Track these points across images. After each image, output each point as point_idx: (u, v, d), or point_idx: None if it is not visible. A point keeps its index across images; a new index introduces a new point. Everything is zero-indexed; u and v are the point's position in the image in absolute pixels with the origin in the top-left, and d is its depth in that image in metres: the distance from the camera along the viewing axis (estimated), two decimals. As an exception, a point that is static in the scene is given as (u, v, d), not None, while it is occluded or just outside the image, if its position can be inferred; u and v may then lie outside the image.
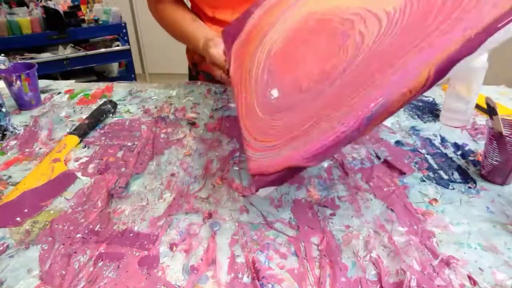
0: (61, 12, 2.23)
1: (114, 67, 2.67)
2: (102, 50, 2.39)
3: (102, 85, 0.94)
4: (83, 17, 2.38)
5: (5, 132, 0.70)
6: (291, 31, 0.55)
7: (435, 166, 0.62)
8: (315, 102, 0.47)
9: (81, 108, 0.82)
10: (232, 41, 0.63)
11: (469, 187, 0.57)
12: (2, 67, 0.80)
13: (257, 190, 0.46)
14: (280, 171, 0.45)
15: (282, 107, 0.51)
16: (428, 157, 0.64)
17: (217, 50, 0.64)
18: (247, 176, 0.59)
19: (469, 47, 0.38)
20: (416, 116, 0.78)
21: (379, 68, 0.43)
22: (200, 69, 0.98)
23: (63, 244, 0.46)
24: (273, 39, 0.57)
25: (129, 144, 0.68)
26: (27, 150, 0.66)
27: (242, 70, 0.59)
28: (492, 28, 0.37)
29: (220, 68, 0.65)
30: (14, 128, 0.72)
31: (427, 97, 0.86)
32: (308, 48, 0.52)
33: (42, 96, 0.87)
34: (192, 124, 0.75)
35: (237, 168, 0.61)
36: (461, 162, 0.63)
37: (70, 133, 0.69)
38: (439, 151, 0.66)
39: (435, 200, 0.54)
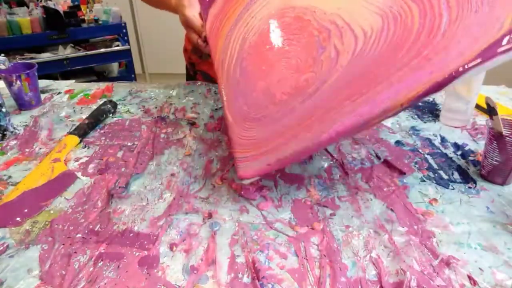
0: (61, 12, 2.23)
1: (114, 67, 2.67)
2: (102, 50, 2.40)
3: (102, 85, 0.94)
4: (83, 17, 2.38)
5: (5, 132, 0.70)
6: (267, 24, 0.54)
7: (435, 166, 0.62)
8: (284, 118, 0.48)
9: (81, 108, 0.82)
10: (209, 3, 0.58)
11: (469, 187, 0.57)
12: (2, 67, 0.80)
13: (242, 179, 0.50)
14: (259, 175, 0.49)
15: (251, 116, 0.51)
16: (428, 157, 0.64)
17: (192, 12, 0.58)
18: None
19: (435, 88, 0.40)
20: (416, 116, 0.78)
21: (350, 95, 0.44)
22: (198, 68, 0.98)
23: (63, 244, 0.46)
24: (248, 25, 0.55)
25: (129, 144, 0.68)
26: (27, 150, 0.66)
27: (217, 53, 0.57)
28: (454, 75, 0.39)
29: (196, 33, 0.60)
30: (14, 128, 0.72)
31: (427, 97, 0.86)
32: (284, 52, 0.51)
33: (42, 96, 0.87)
34: (192, 124, 0.75)
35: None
36: (461, 162, 0.63)
37: (70, 133, 0.69)
38: (439, 151, 0.66)
39: (435, 200, 0.54)
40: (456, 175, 0.60)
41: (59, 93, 0.90)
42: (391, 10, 0.46)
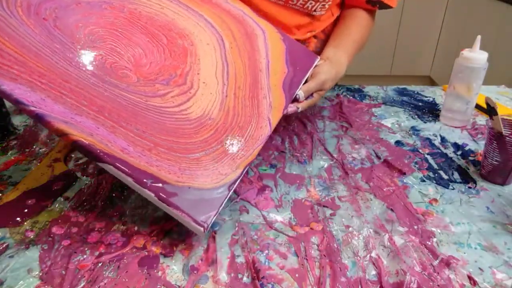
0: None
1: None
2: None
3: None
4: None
5: (5, 132, 0.70)
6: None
7: (435, 166, 0.62)
8: None
9: (81, 108, 0.82)
10: None
11: (469, 187, 0.57)
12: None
13: None
14: None
15: None
16: (428, 157, 0.64)
17: None
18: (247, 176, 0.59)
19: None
20: (416, 116, 0.78)
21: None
22: None
23: (63, 244, 0.46)
24: None
25: (129, 144, 0.68)
26: (27, 150, 0.66)
27: None
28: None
29: None
30: (14, 128, 0.72)
31: (427, 97, 0.86)
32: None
33: (42, 96, 0.86)
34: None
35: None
36: (461, 162, 0.63)
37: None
38: (439, 151, 0.66)
39: (435, 200, 0.54)
40: (456, 175, 0.60)
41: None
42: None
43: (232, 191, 0.47)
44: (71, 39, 0.49)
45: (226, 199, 0.46)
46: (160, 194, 0.43)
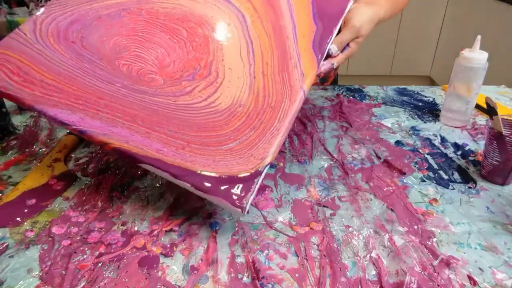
0: (61, 12, 2.22)
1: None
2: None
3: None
4: (83, 17, 2.38)
5: (5, 132, 0.70)
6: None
7: (435, 166, 0.62)
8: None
9: (81, 108, 0.82)
10: None
11: (469, 187, 0.57)
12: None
13: None
14: None
15: None
16: (428, 157, 0.64)
17: None
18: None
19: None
20: (416, 116, 0.78)
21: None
22: None
23: (63, 244, 0.46)
24: None
25: (129, 144, 0.68)
26: (27, 150, 0.66)
27: None
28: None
29: None
30: (14, 128, 0.72)
31: (427, 97, 0.87)
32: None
33: (42, 96, 0.86)
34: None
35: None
36: (461, 162, 0.63)
37: (70, 133, 0.69)
38: (439, 151, 0.66)
39: (435, 200, 0.54)
40: (456, 175, 0.60)
41: (59, 93, 0.90)
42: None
43: (266, 169, 0.47)
44: (98, 56, 0.51)
45: (261, 179, 0.47)
46: (197, 184, 0.45)
